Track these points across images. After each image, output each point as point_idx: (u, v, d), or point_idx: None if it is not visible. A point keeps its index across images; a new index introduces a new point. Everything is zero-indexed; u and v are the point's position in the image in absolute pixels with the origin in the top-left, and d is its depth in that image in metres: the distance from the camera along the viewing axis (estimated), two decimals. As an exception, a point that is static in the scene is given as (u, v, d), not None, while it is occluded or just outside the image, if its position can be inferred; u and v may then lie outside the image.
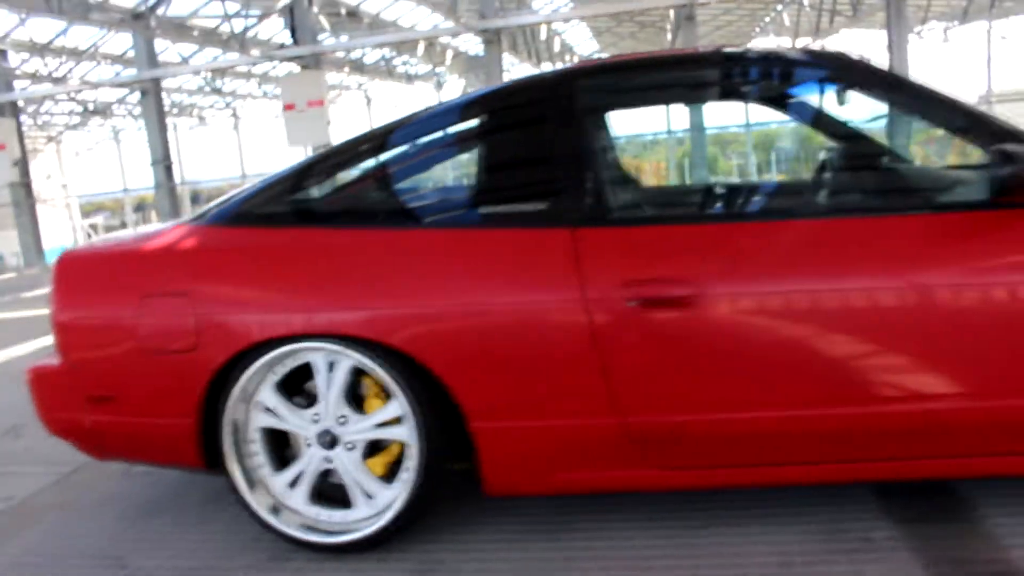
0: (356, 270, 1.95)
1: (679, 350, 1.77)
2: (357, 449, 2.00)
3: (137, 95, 12.74)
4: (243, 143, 24.83)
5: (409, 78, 18.70)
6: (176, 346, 2.01)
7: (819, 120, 2.28)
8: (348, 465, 2.00)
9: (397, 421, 1.94)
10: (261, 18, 12.31)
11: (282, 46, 12.02)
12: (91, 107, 19.26)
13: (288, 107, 11.86)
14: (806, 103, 2.27)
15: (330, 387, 1.97)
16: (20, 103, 13.73)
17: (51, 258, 13.05)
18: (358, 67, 17.34)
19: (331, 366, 1.97)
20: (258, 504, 2.05)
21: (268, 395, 2.02)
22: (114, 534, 2.26)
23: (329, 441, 2.00)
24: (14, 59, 13.57)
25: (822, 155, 2.24)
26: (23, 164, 13.12)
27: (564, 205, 1.88)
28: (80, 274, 2.18)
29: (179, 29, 13.12)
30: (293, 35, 11.85)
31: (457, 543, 2.00)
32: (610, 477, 1.90)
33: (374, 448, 2.02)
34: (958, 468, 1.81)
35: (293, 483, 2.05)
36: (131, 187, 24.54)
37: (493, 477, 1.92)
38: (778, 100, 2.35)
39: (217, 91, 18.38)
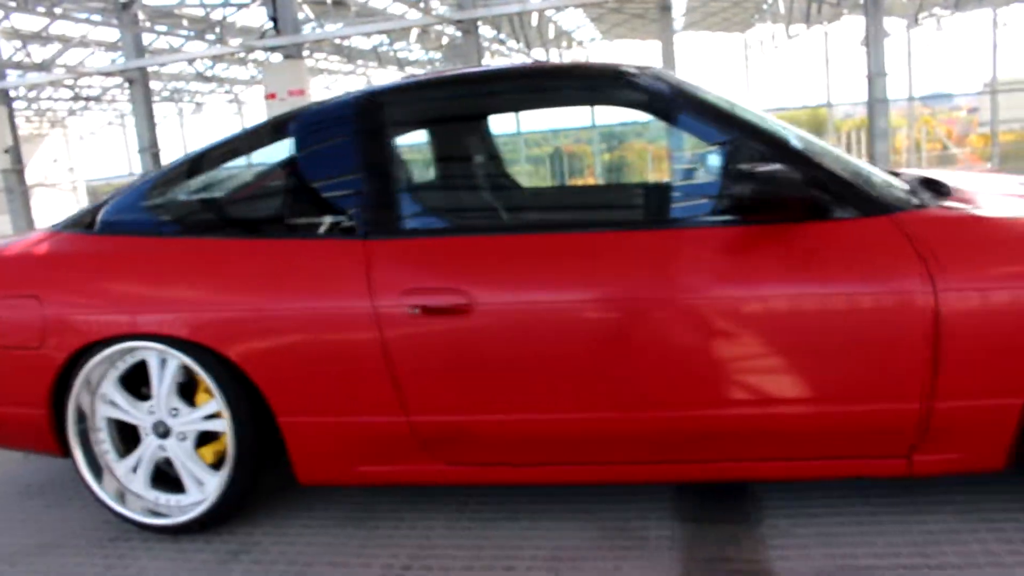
0: (177, 276, 2.15)
1: (456, 356, 1.96)
2: (188, 439, 2.20)
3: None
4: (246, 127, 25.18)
5: (401, 64, 18.81)
6: (26, 343, 2.23)
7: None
8: (180, 453, 2.21)
9: (219, 415, 2.14)
10: (241, 7, 12.49)
11: (263, 35, 12.18)
12: (88, 94, 19.55)
13: (270, 96, 12.07)
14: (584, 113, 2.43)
15: (162, 383, 2.18)
16: (12, 92, 14.00)
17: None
18: (349, 54, 17.48)
19: (164, 363, 2.17)
20: (104, 489, 2.27)
21: (111, 388, 2.23)
22: (-13, 514, 2.49)
23: (163, 431, 2.21)
24: (7, 48, 13.84)
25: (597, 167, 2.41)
26: (15, 151, 13.42)
27: (359, 217, 2.06)
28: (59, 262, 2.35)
29: (167, 18, 13.33)
30: (275, 25, 12.05)
31: (274, 528, 2.21)
32: (404, 471, 2.09)
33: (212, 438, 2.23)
34: (731, 472, 1.97)
35: (135, 469, 2.27)
36: (136, 170, 25.03)
37: (301, 468, 2.13)
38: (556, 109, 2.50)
39: (209, 79, 18.60)
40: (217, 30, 13.70)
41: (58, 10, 12.59)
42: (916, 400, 1.79)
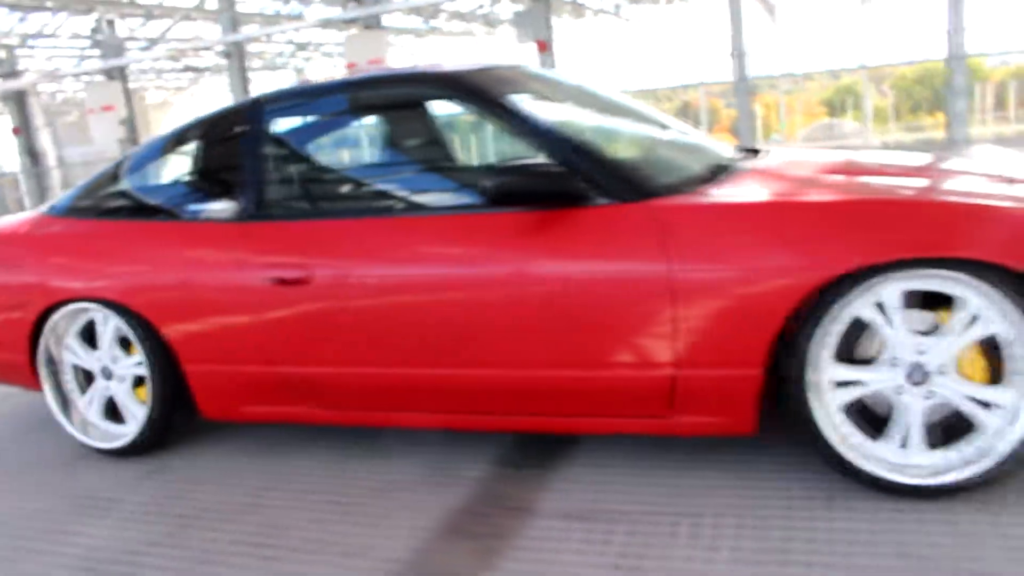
0: (113, 252, 2.72)
1: (302, 319, 2.41)
2: (127, 381, 2.79)
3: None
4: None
5: (491, 22, 19.34)
6: (15, 302, 2.87)
7: (411, 131, 2.80)
8: (120, 392, 2.80)
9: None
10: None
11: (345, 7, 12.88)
12: (204, 65, 21.10)
13: (350, 65, 12.80)
14: (412, 117, 2.77)
15: (104, 336, 2.76)
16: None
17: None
18: (431, 15, 18.08)
19: (106, 320, 2.75)
20: (70, 422, 2.90)
21: (72, 340, 2.84)
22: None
23: (108, 375, 2.80)
24: (120, 25, 15.24)
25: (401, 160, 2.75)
26: (130, 123, 14.88)
27: (239, 205, 2.54)
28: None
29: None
30: (355, -4, 12.70)
31: (188, 455, 2.77)
32: (277, 412, 2.58)
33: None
34: (525, 424, 2.34)
35: (91, 403, 2.88)
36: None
37: (202, 406, 2.67)
38: (391, 117, 2.85)
39: (304, 47, 19.67)
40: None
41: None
42: (663, 368, 2.09)
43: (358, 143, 2.84)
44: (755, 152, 2.86)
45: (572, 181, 2.12)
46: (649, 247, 2.04)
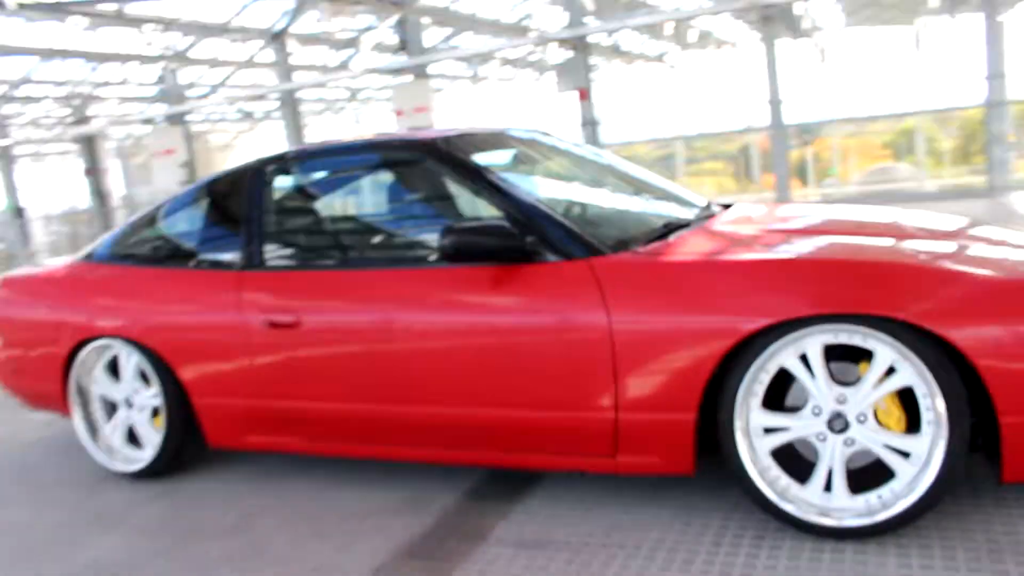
0: (135, 295, 3.05)
1: (291, 358, 2.69)
2: (145, 411, 3.09)
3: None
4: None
5: (541, 69, 19.88)
6: (51, 337, 3.22)
7: (391, 191, 3.10)
8: (139, 421, 3.11)
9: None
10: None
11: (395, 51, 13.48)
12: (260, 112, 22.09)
13: (398, 113, 13.35)
14: (393, 178, 3.05)
15: (126, 370, 3.08)
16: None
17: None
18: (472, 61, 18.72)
19: (128, 356, 3.07)
20: (95, 444, 3.21)
21: (99, 373, 3.17)
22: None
23: (130, 404, 3.12)
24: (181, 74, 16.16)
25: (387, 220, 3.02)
26: (190, 165, 15.70)
27: (239, 255, 2.85)
28: (7, 287, 3.45)
29: (314, 42, 15.04)
30: (403, 47, 13.29)
31: (196, 479, 3.05)
32: (275, 442, 2.85)
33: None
34: (482, 459, 2.55)
35: (114, 429, 3.19)
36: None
37: (209, 436, 2.95)
38: (374, 179, 3.14)
39: (356, 92, 20.49)
40: (357, 49, 15.24)
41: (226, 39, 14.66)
42: (606, 411, 2.28)
43: (345, 202, 3.14)
44: (726, 207, 3.06)
45: (520, 240, 2.35)
46: (590, 301, 2.26)
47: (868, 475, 2.13)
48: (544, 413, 2.37)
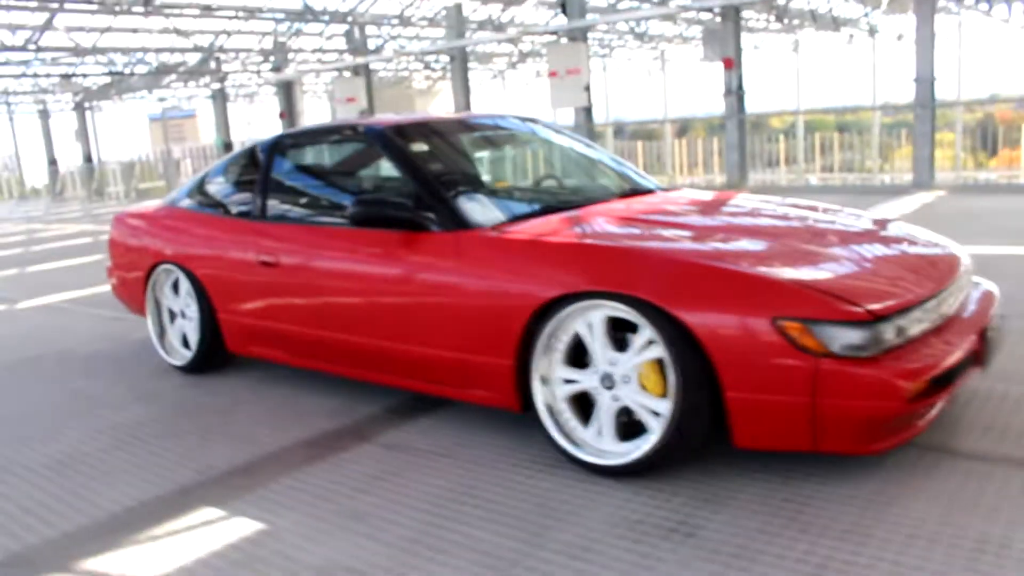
0: (188, 232, 4.12)
1: (273, 290, 3.61)
2: (194, 321, 4.17)
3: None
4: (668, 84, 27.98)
5: (838, 24, 19.65)
6: (136, 261, 4.41)
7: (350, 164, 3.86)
8: (189, 329, 4.20)
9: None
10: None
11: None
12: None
13: (552, 74, 14.03)
14: (354, 158, 3.79)
15: (181, 288, 4.18)
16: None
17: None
18: (781, 13, 18.76)
19: (182, 278, 4.16)
20: (161, 344, 4.37)
21: (166, 289, 4.31)
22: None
23: (183, 315, 4.22)
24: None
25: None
26: (369, 113, 17.40)
27: (252, 208, 3.80)
28: (119, 221, 4.68)
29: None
30: (563, 10, 13.88)
31: (219, 377, 4.10)
32: (267, 352, 3.82)
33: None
34: (400, 383, 3.33)
35: (174, 333, 4.32)
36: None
37: (228, 343, 3.98)
38: (338, 154, 3.89)
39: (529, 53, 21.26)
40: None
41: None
42: (456, 351, 2.98)
43: (315, 172, 4.01)
44: (648, 192, 3.62)
45: (413, 213, 3.08)
46: (449, 265, 2.96)
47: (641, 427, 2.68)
48: (420, 348, 3.11)
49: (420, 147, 3.48)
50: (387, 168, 3.56)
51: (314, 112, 22.89)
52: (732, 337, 2.42)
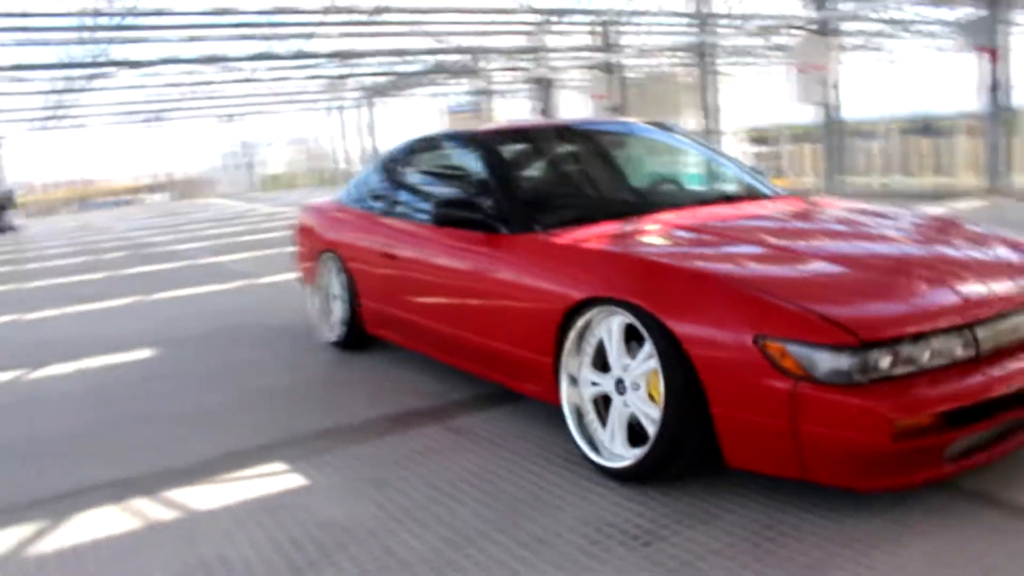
0: (342, 223, 4.72)
1: (390, 278, 4.07)
2: (337, 302, 4.78)
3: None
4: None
5: None
6: (308, 245, 5.13)
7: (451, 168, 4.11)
8: (335, 309, 4.82)
9: (343, 293, 4.68)
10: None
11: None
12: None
13: (796, 68, 13.32)
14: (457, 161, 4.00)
15: (333, 271, 4.80)
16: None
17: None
18: None
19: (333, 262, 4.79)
20: (319, 323, 5.05)
21: (330, 271, 4.96)
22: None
23: (336, 298, 4.85)
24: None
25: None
26: (621, 110, 17.66)
27: (385, 205, 4.29)
28: (303, 212, 5.43)
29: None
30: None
31: (361, 353, 4.66)
32: (390, 335, 4.30)
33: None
34: (484, 374, 3.60)
35: (332, 312, 4.98)
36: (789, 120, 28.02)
37: (366, 325, 4.51)
38: (444, 158, 4.14)
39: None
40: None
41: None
42: (504, 344, 3.20)
43: (425, 175, 4.35)
44: (751, 199, 3.60)
45: (481, 215, 3.33)
46: (507, 265, 3.19)
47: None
48: (487, 340, 3.37)
49: (509, 153, 3.72)
50: (476, 171, 3.87)
51: (570, 108, 23.57)
52: (717, 351, 2.39)
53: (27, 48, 15.81)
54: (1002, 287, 2.56)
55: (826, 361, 2.19)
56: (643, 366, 2.63)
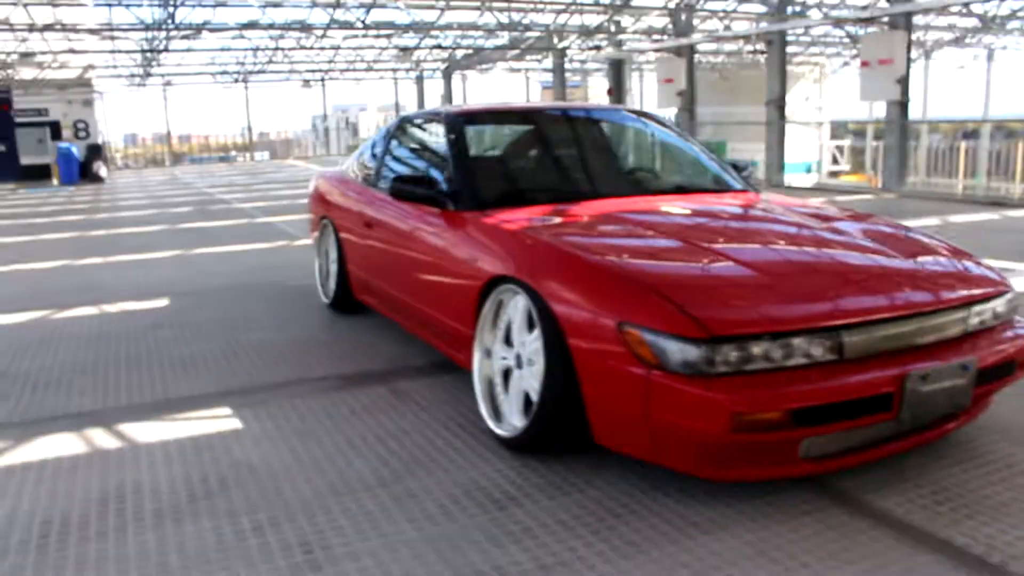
0: (337, 192, 4.99)
1: (368, 247, 4.33)
2: (335, 264, 5.07)
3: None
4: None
5: None
6: (315, 211, 5.44)
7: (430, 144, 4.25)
8: (332, 272, 5.11)
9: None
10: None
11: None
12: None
13: (863, 64, 12.90)
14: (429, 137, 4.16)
15: (332, 238, 5.09)
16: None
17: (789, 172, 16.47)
18: None
19: (327, 227, 5.07)
20: (319, 285, 5.35)
21: (328, 238, 5.25)
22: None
23: (333, 261, 5.14)
24: None
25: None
26: (689, 95, 17.41)
27: (372, 177, 4.52)
28: (320, 178, 5.72)
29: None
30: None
31: (352, 317, 4.94)
32: (371, 302, 4.57)
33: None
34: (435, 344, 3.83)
35: (329, 274, 5.28)
36: (879, 114, 27.00)
37: (353, 290, 4.79)
38: (424, 135, 4.34)
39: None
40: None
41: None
42: (442, 316, 3.41)
43: (402, 150, 4.54)
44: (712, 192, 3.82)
45: (437, 193, 3.53)
46: (446, 241, 3.40)
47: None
48: (430, 309, 3.60)
49: (473, 133, 3.91)
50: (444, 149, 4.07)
51: (642, 90, 23.41)
52: (588, 336, 2.55)
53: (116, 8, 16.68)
54: (897, 295, 2.60)
55: (675, 351, 2.31)
56: (535, 344, 2.80)
